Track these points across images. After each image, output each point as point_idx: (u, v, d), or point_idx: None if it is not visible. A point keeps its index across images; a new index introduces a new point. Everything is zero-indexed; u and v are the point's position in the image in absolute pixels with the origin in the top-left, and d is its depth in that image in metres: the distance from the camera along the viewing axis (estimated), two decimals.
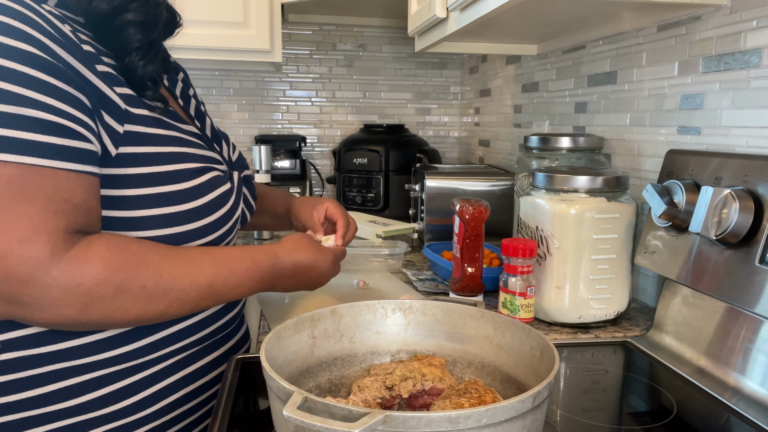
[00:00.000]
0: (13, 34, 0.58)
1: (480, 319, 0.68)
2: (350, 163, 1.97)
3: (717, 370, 0.78)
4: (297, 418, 0.44)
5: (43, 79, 0.59)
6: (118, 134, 0.66)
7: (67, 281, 0.58)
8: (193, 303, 0.69)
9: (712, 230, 0.76)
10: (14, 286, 0.56)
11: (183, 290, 0.67)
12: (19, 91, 0.57)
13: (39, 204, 0.57)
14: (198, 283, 0.68)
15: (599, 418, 0.70)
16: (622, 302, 0.96)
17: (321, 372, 0.66)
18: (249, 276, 0.73)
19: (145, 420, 0.72)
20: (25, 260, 0.56)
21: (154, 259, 0.65)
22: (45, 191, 0.58)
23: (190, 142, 0.75)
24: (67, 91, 0.61)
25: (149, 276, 0.64)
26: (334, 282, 1.19)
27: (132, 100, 0.68)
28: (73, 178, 0.61)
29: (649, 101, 1.09)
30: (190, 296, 0.68)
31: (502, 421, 0.46)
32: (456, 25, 1.16)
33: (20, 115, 0.57)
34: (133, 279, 0.62)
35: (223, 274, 0.70)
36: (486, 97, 2.01)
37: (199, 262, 0.69)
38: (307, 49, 2.19)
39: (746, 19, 0.85)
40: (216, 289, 0.70)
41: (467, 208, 1.02)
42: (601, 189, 0.94)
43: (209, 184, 0.73)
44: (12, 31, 0.58)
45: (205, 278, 0.69)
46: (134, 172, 0.67)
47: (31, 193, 0.57)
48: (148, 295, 0.64)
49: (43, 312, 0.58)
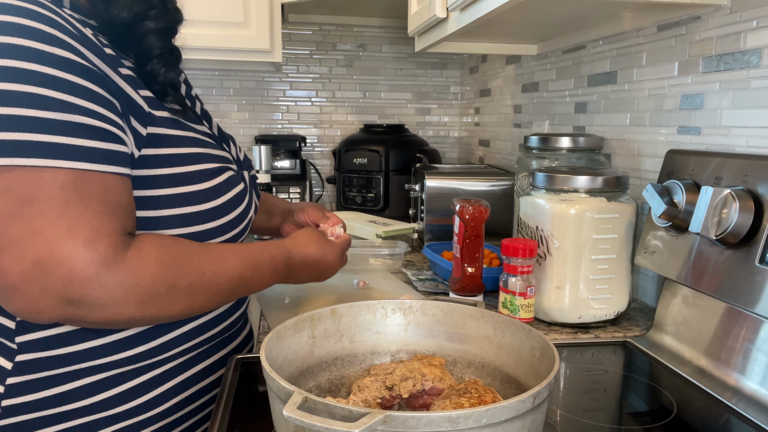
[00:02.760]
0: (47, 40, 0.59)
1: (480, 319, 0.68)
2: (350, 163, 1.97)
3: (717, 370, 0.78)
4: (297, 418, 0.44)
5: (82, 84, 0.60)
6: (142, 136, 0.67)
7: (128, 280, 0.60)
8: (228, 296, 0.73)
9: (712, 230, 0.76)
10: (79, 287, 0.57)
11: (221, 284, 0.70)
12: (62, 97, 0.58)
13: (95, 207, 0.59)
14: (232, 277, 0.72)
15: (599, 418, 0.70)
16: (622, 302, 0.96)
17: (321, 372, 0.66)
18: (269, 270, 0.78)
19: (155, 418, 0.72)
20: (89, 262, 0.57)
21: (196, 256, 0.68)
22: (98, 195, 0.59)
23: (206, 143, 0.76)
24: (103, 95, 0.62)
25: (194, 272, 0.67)
26: (334, 282, 1.19)
27: (153, 103, 0.70)
28: (119, 181, 0.62)
29: (649, 101, 1.09)
30: (226, 290, 0.72)
31: (502, 421, 0.46)
32: (456, 25, 1.16)
33: (66, 121, 0.58)
34: (182, 276, 0.65)
35: (249, 269, 0.74)
36: (486, 97, 2.01)
37: (230, 258, 0.72)
38: (307, 49, 2.19)
39: (746, 19, 0.85)
40: (245, 283, 0.74)
41: (467, 208, 1.02)
42: (601, 189, 0.94)
43: (226, 184, 0.75)
44: (46, 36, 0.59)
45: (237, 273, 0.73)
46: (156, 173, 0.68)
47: (86, 198, 0.58)
48: (194, 290, 0.67)
49: (103, 311, 0.59)
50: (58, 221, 0.56)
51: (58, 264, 0.55)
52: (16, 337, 0.65)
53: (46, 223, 0.55)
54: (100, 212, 0.59)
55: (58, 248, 0.56)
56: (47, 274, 0.55)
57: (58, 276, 0.56)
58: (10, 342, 0.65)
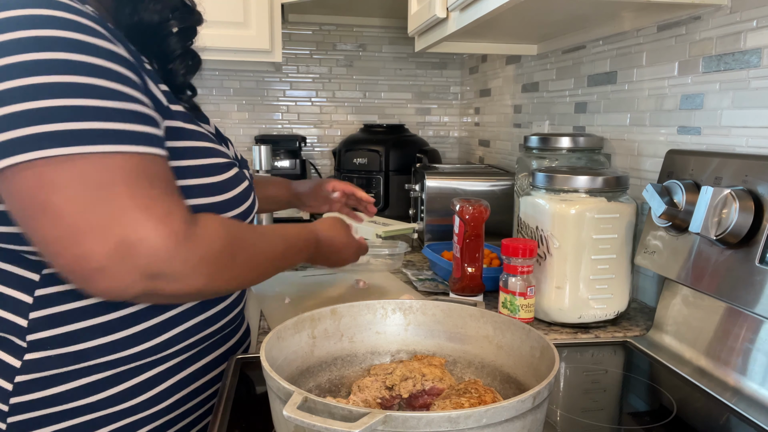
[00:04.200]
0: (89, 32, 0.60)
1: (480, 319, 0.68)
2: (350, 163, 1.97)
3: (717, 370, 0.78)
4: (297, 418, 0.44)
5: (125, 74, 0.62)
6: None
7: (199, 253, 0.62)
8: (270, 272, 0.77)
9: (712, 230, 0.76)
10: (159, 262, 0.59)
11: (268, 259, 0.75)
12: (113, 86, 0.60)
13: (160, 187, 0.61)
14: (276, 255, 0.77)
15: (599, 418, 0.70)
16: (622, 302, 0.96)
17: (321, 372, 0.66)
18: (301, 249, 0.84)
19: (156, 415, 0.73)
20: (167, 238, 0.59)
21: (249, 234, 0.72)
22: (159, 175, 0.62)
23: (212, 139, 0.78)
24: (139, 84, 0.64)
25: (249, 247, 0.70)
26: (334, 282, 1.19)
27: (170, 97, 0.71)
28: (168, 164, 0.65)
29: (649, 101, 1.09)
30: (272, 265, 0.77)
31: (502, 421, 0.46)
32: (456, 25, 1.16)
33: (122, 109, 0.60)
34: (242, 250, 0.69)
35: (288, 248, 0.81)
36: (486, 97, 2.01)
37: (274, 238, 0.78)
38: (307, 49, 2.19)
39: (746, 19, 0.85)
40: (283, 261, 0.80)
41: (467, 208, 1.02)
42: (601, 189, 0.94)
43: (235, 179, 0.77)
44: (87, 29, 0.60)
45: (279, 251, 0.78)
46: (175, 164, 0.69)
47: (152, 179, 0.61)
48: (250, 264, 0.71)
49: (178, 283, 0.61)
50: (134, 202, 0.58)
51: (140, 242, 0.58)
52: (28, 336, 0.66)
53: (123, 205, 0.58)
54: (165, 191, 0.62)
55: (139, 227, 0.58)
56: (131, 252, 0.57)
57: (141, 253, 0.58)
58: (20, 340, 0.66)
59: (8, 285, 0.66)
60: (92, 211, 0.57)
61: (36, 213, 0.57)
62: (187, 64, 0.78)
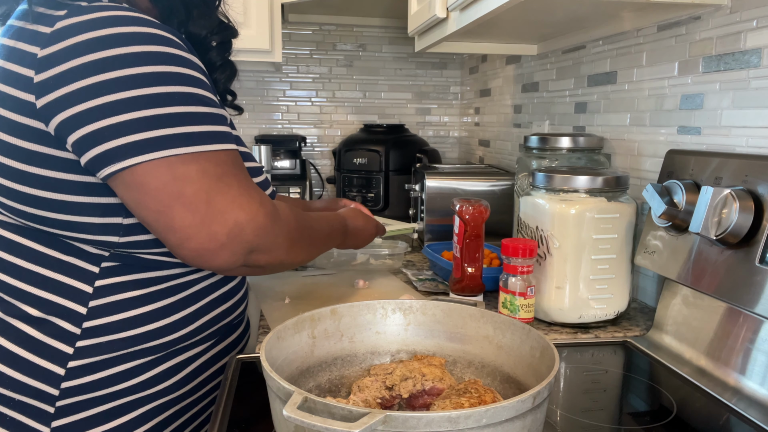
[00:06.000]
0: (178, 46, 0.68)
1: (480, 319, 0.68)
2: (350, 163, 1.97)
3: (717, 370, 0.78)
4: (297, 418, 0.44)
5: (207, 82, 0.71)
6: None
7: (284, 229, 0.74)
8: (323, 249, 0.89)
9: (712, 230, 0.76)
10: (260, 237, 0.70)
11: (319, 239, 0.87)
12: (204, 94, 0.69)
13: (249, 177, 0.73)
14: (325, 235, 0.89)
15: (599, 418, 0.70)
16: (622, 302, 0.96)
17: (321, 372, 0.66)
18: (337, 233, 0.95)
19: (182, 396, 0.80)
20: (265, 217, 0.70)
21: (305, 216, 0.82)
22: (244, 167, 0.73)
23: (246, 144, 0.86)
24: (211, 88, 0.73)
25: (308, 227, 0.82)
26: (334, 282, 1.19)
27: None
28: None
29: (649, 101, 1.09)
30: (323, 243, 0.89)
31: (502, 421, 0.46)
32: (456, 25, 1.16)
33: (215, 113, 0.70)
34: (305, 229, 0.80)
35: (331, 232, 0.92)
36: (486, 97, 2.01)
37: (320, 221, 0.89)
38: (307, 49, 2.19)
39: (746, 19, 0.85)
40: (327, 243, 0.91)
41: (467, 208, 1.02)
42: (601, 189, 0.94)
43: (266, 183, 0.85)
44: (175, 43, 0.68)
45: (325, 233, 0.89)
46: None
47: (243, 169, 0.72)
48: (310, 241, 0.82)
49: (267, 254, 0.72)
50: (240, 189, 0.69)
51: (249, 221, 0.69)
52: (85, 322, 0.71)
53: (235, 192, 0.68)
54: (251, 180, 0.73)
55: (247, 209, 0.69)
56: (243, 230, 0.68)
57: (250, 230, 0.69)
58: (75, 327, 0.71)
59: (71, 276, 0.72)
60: (216, 198, 0.67)
61: (172, 202, 0.65)
62: (227, 74, 0.92)
